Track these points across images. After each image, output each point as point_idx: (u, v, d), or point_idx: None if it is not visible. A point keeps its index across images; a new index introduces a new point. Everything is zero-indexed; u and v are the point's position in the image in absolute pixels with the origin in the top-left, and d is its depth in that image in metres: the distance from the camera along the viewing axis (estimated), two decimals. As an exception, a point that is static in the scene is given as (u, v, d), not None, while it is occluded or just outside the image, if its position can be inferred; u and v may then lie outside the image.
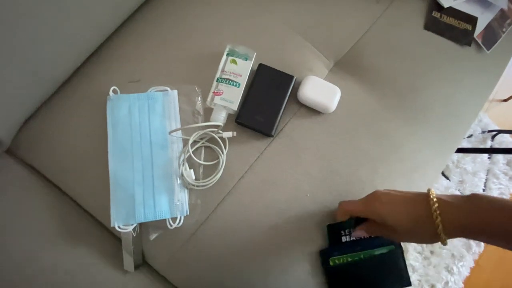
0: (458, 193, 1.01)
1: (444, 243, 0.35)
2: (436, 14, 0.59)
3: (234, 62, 0.50)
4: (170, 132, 0.47)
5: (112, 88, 0.49)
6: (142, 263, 0.47)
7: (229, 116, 0.50)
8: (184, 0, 0.57)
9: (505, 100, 1.18)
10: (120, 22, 0.55)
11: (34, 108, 0.50)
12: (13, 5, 0.39)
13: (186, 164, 0.47)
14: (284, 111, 0.50)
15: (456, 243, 0.97)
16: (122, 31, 0.56)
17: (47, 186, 0.49)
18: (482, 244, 0.98)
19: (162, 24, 0.55)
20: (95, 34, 0.51)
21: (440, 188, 1.01)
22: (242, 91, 0.50)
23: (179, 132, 0.48)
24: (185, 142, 0.48)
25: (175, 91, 0.50)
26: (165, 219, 0.46)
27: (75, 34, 0.47)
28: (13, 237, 0.45)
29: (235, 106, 0.49)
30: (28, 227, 0.46)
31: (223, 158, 0.48)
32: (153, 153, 0.47)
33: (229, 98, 0.49)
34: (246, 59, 0.51)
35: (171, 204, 0.46)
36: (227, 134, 0.48)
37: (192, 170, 0.47)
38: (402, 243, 0.46)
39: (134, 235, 0.45)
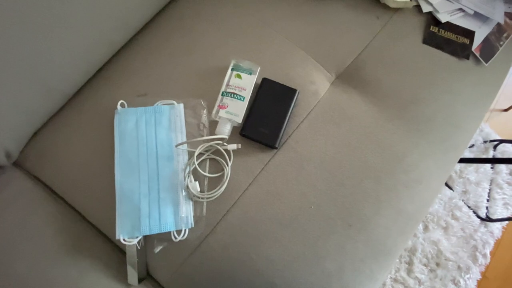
0: (461, 203, 1.01)
1: None
2: (434, 29, 0.61)
3: (238, 76, 0.52)
4: (176, 145, 0.48)
5: (120, 102, 0.50)
6: (146, 276, 0.47)
7: (234, 128, 0.51)
8: (190, 17, 0.59)
9: (506, 110, 1.18)
10: (129, 38, 0.56)
11: (43, 121, 0.51)
12: (25, 22, 0.40)
13: (192, 176, 0.47)
14: (288, 123, 0.51)
15: (462, 255, 0.96)
16: (129, 46, 0.57)
17: (53, 198, 0.50)
18: (488, 255, 0.96)
19: (169, 39, 0.57)
20: (104, 49, 0.53)
21: (444, 198, 1.01)
22: (247, 105, 0.51)
23: (185, 144, 0.49)
24: (190, 154, 0.49)
25: (181, 105, 0.51)
26: (169, 232, 0.46)
27: (84, 49, 0.49)
28: (18, 249, 0.45)
29: (239, 119, 0.50)
30: (33, 239, 0.46)
31: (228, 170, 0.48)
32: (159, 166, 0.48)
33: (234, 111, 0.50)
34: (251, 74, 0.52)
35: (176, 217, 0.46)
36: (232, 147, 0.49)
37: (197, 182, 0.47)
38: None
39: (139, 248, 0.45)
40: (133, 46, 0.57)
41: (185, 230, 0.46)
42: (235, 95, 0.51)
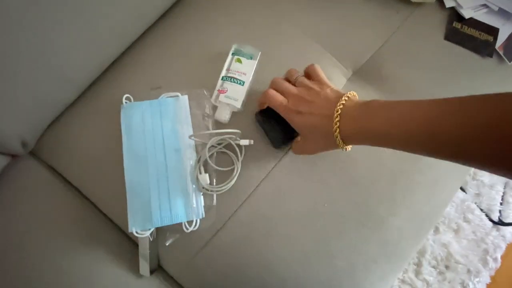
0: (474, 206, 0.98)
1: (343, 148, 0.38)
2: (456, 25, 0.59)
3: (239, 61, 0.51)
4: (189, 136, 0.48)
5: (125, 96, 0.50)
6: (158, 268, 0.48)
7: (251, 121, 0.50)
8: (204, 9, 0.58)
9: (523, 112, 1.15)
10: (144, 29, 0.56)
11: (59, 112, 0.51)
12: (44, 13, 0.40)
13: (202, 168, 0.47)
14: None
15: (472, 258, 0.94)
16: (143, 38, 0.57)
17: (69, 189, 0.50)
18: (499, 259, 0.94)
19: (181, 32, 0.56)
20: (119, 43, 0.53)
21: (456, 200, 0.99)
22: (247, 89, 0.50)
23: (197, 136, 0.49)
24: (198, 146, 0.49)
25: (186, 96, 0.51)
26: (181, 223, 0.46)
27: (102, 40, 0.49)
28: (32, 237, 0.46)
29: (239, 104, 0.49)
30: (48, 228, 0.47)
31: (238, 165, 0.48)
32: (167, 158, 0.48)
33: (233, 96, 0.49)
34: (251, 58, 0.51)
35: (187, 207, 0.46)
36: (244, 142, 0.48)
37: (207, 174, 0.47)
38: None
39: (151, 240, 0.46)
40: (147, 38, 0.57)
41: (196, 220, 0.46)
42: (234, 80, 0.50)
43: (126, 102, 0.50)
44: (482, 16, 0.60)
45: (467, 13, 0.59)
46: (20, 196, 0.48)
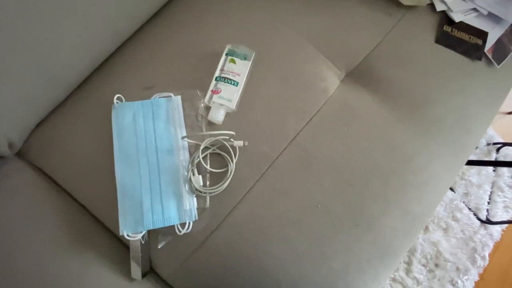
0: (462, 205, 1.01)
1: None
2: (447, 28, 0.60)
3: (233, 61, 0.51)
4: (183, 138, 0.47)
5: (116, 96, 0.49)
6: (150, 271, 0.47)
7: (244, 115, 0.50)
8: (198, 9, 0.57)
9: (510, 113, 1.18)
10: (135, 29, 0.55)
11: (47, 112, 0.50)
12: (30, 10, 0.39)
13: (195, 170, 0.47)
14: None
15: (461, 256, 0.96)
16: (136, 37, 0.56)
17: (57, 190, 0.49)
18: (487, 257, 0.97)
19: (176, 32, 0.56)
20: (110, 39, 0.52)
21: (445, 199, 1.01)
22: (241, 90, 0.50)
23: (190, 137, 0.48)
24: (191, 147, 0.48)
25: (179, 97, 0.50)
26: (173, 226, 0.45)
27: (90, 38, 0.48)
28: (20, 241, 0.44)
29: (233, 105, 0.49)
30: (36, 231, 0.45)
31: (232, 166, 0.48)
32: (159, 159, 0.47)
33: (227, 97, 0.49)
34: (245, 59, 0.51)
35: (180, 210, 0.45)
36: (238, 143, 0.48)
37: (200, 176, 0.47)
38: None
39: (143, 243, 0.45)
40: (140, 37, 0.56)
41: (189, 223, 0.45)
42: (228, 80, 0.50)
43: (117, 102, 0.49)
44: (472, 20, 0.61)
45: (457, 17, 0.60)
46: (6, 198, 0.47)
